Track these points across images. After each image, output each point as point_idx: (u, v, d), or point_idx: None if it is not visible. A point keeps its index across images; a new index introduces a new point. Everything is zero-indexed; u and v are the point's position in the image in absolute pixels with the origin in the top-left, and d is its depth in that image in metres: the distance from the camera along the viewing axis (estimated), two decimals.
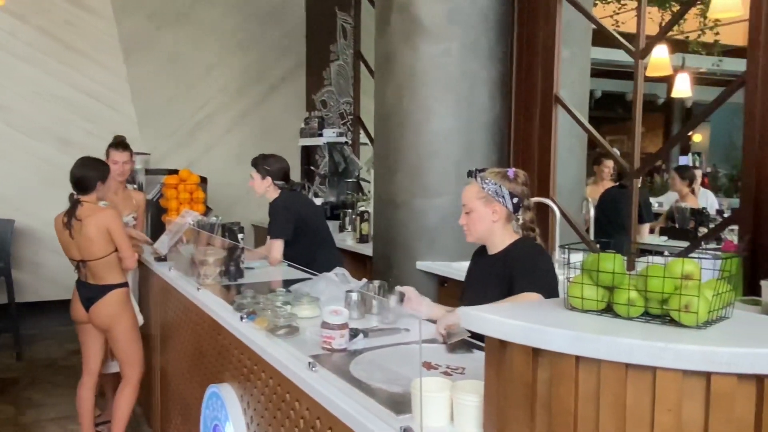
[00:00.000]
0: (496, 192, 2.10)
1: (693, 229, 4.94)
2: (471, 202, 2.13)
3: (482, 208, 2.11)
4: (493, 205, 2.10)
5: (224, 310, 2.47)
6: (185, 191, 4.29)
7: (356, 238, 4.61)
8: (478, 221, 2.12)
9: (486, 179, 2.11)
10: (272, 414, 1.97)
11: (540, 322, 1.18)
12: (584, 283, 1.25)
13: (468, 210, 2.14)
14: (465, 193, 2.16)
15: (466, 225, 2.16)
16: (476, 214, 2.12)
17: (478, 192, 2.12)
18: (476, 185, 2.13)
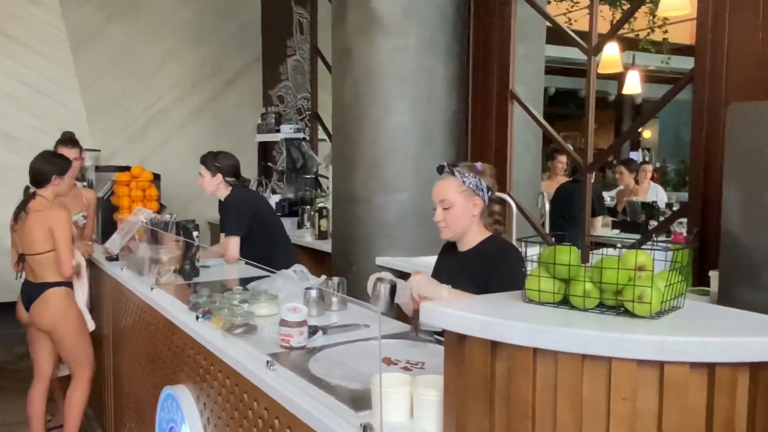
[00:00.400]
0: (477, 185, 2.06)
1: (644, 222, 5.07)
2: (452, 196, 2.05)
3: (464, 202, 2.05)
4: (473, 199, 2.06)
5: (179, 310, 2.41)
6: (138, 189, 4.18)
7: (315, 235, 4.58)
8: (460, 216, 2.06)
9: (465, 173, 2.06)
10: (230, 414, 1.94)
11: (498, 315, 1.18)
12: (541, 275, 1.26)
13: (448, 205, 2.06)
14: (441, 188, 2.08)
15: (444, 221, 2.08)
16: (458, 208, 2.05)
17: (458, 186, 2.05)
18: (455, 179, 2.06)
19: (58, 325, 3.19)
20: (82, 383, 3.26)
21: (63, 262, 3.13)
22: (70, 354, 3.24)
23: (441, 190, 2.08)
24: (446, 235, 2.12)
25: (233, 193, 3.46)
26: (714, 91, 2.73)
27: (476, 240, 2.11)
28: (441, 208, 2.08)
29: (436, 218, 2.10)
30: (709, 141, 2.76)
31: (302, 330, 1.90)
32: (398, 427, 1.36)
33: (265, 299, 2.32)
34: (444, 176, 2.10)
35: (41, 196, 3.17)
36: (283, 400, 1.57)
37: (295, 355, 1.87)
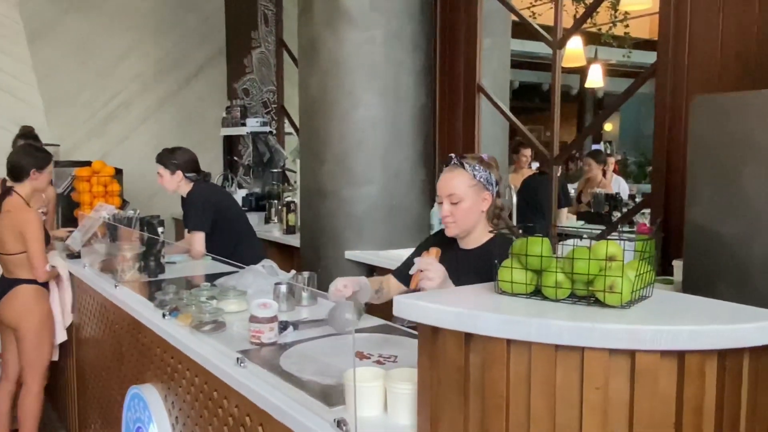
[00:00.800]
0: (487, 179, 1.95)
1: (607, 213, 5.16)
2: (462, 190, 1.92)
3: (474, 196, 1.93)
4: (483, 194, 1.95)
5: (145, 308, 2.36)
6: (99, 184, 4.08)
7: (283, 229, 4.53)
8: (470, 212, 1.93)
9: (475, 166, 1.94)
10: (199, 413, 1.90)
11: (471, 307, 1.18)
12: (513, 267, 1.26)
13: (457, 200, 1.92)
14: (450, 181, 1.94)
15: (451, 216, 1.94)
16: (468, 203, 1.92)
17: (469, 180, 1.93)
18: (465, 172, 1.94)
19: (22, 322, 3.10)
20: (31, 393, 3.15)
21: (36, 267, 3.07)
22: (27, 355, 3.14)
23: (450, 183, 1.95)
24: (452, 232, 1.98)
25: (195, 189, 3.40)
26: (677, 83, 2.78)
27: (483, 238, 1.98)
28: (449, 203, 1.94)
29: (442, 213, 1.96)
30: (672, 133, 2.81)
31: (273, 326, 1.88)
32: (372, 421, 1.35)
33: (233, 295, 2.29)
34: (452, 168, 1.97)
35: (17, 194, 3.11)
36: (255, 397, 1.55)
37: (266, 351, 1.84)
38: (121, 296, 2.57)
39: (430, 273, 1.72)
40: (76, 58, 5.60)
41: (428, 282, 1.72)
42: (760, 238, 1.91)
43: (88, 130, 5.71)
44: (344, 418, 1.30)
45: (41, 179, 3.19)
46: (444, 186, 1.97)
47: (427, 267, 1.74)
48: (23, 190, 3.14)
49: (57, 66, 5.52)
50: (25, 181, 3.13)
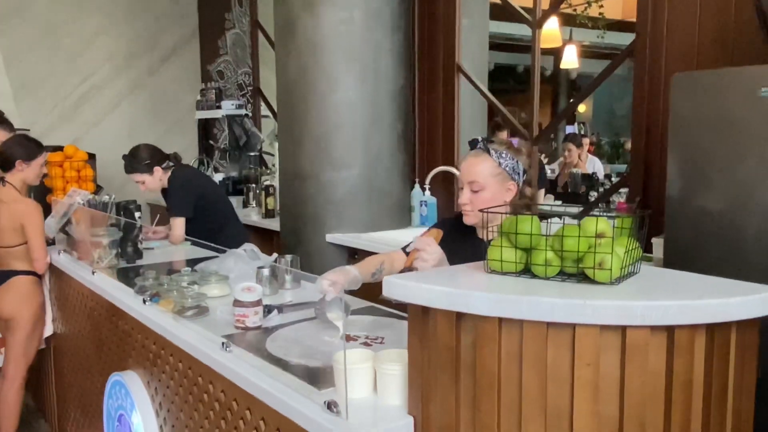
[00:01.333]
0: (513, 168, 1.81)
1: (584, 193, 5.21)
2: (484, 179, 1.79)
3: (497, 186, 1.80)
4: (508, 183, 1.81)
5: (124, 294, 2.32)
6: (72, 169, 3.98)
7: (262, 213, 4.49)
8: (491, 202, 1.76)
9: (502, 152, 1.80)
10: (183, 399, 1.88)
11: (462, 287, 1.18)
12: (503, 246, 1.26)
13: (478, 188, 1.80)
14: (473, 167, 1.81)
15: (470, 204, 1.81)
16: (489, 193, 1.79)
17: (493, 167, 1.80)
18: (490, 159, 1.80)
19: (17, 313, 3.03)
20: (16, 383, 3.08)
21: (37, 260, 3.01)
22: (19, 346, 3.06)
23: (472, 170, 1.82)
24: (470, 221, 1.85)
25: (175, 174, 3.34)
26: (654, 63, 2.80)
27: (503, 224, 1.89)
28: (469, 190, 1.82)
29: (461, 200, 1.84)
30: (650, 112, 2.83)
31: (257, 310, 1.86)
32: (362, 402, 1.35)
33: (215, 280, 2.26)
34: (477, 153, 1.83)
35: (9, 184, 3.02)
36: (242, 381, 1.53)
37: (251, 335, 1.82)
38: (99, 283, 2.52)
39: (425, 254, 1.69)
40: (45, 41, 5.45)
41: (422, 263, 1.68)
42: (741, 213, 1.94)
43: (59, 115, 5.58)
44: (334, 399, 1.29)
45: (29, 171, 3.10)
46: (466, 171, 1.84)
47: (424, 247, 1.70)
48: (14, 181, 3.05)
49: (25, 49, 5.36)
50: (13, 172, 3.04)
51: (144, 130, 5.77)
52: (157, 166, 3.28)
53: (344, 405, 1.27)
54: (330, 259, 3.55)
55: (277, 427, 1.42)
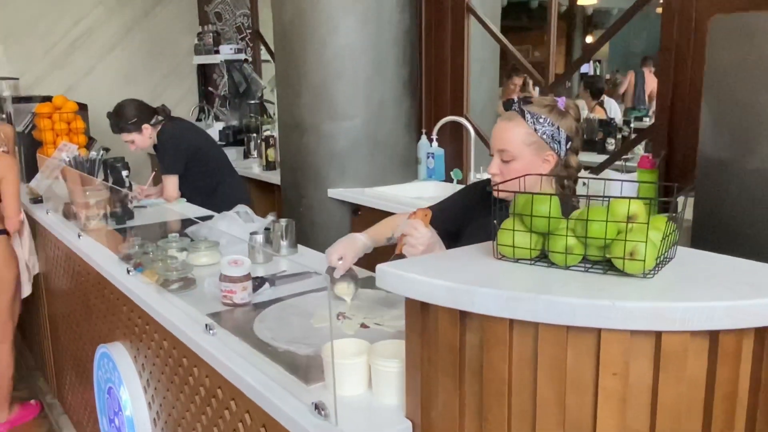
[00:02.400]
0: (552, 136, 1.53)
1: (601, 140, 4.97)
2: (516, 147, 1.54)
3: (531, 157, 1.54)
4: (545, 154, 1.55)
5: (109, 261, 2.17)
6: (61, 121, 3.80)
7: (263, 165, 4.30)
8: (522, 173, 1.48)
9: (539, 117, 1.54)
10: (170, 378, 1.75)
11: (467, 281, 1.01)
12: (516, 229, 1.07)
13: (509, 158, 1.55)
14: (504, 134, 1.56)
15: (500, 175, 1.57)
16: (521, 164, 1.54)
17: (527, 134, 1.54)
18: (524, 124, 1.54)
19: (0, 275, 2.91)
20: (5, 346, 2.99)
21: (10, 217, 2.86)
22: (5, 309, 2.97)
23: (503, 136, 1.57)
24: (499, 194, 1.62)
25: (164, 130, 3.14)
26: (685, 3, 2.53)
27: None
28: (499, 159, 1.57)
29: (490, 170, 1.59)
30: (679, 57, 2.58)
31: (246, 285, 1.71)
32: (355, 401, 1.20)
33: (204, 247, 2.10)
34: (509, 117, 1.57)
35: None
36: (225, 371, 1.39)
37: (239, 313, 1.68)
38: (85, 247, 2.38)
39: (411, 239, 1.50)
40: None
41: (410, 249, 1.50)
42: None
43: (50, 62, 5.33)
44: (323, 401, 1.15)
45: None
46: (496, 138, 1.59)
47: (410, 232, 1.51)
48: None
49: None
50: None
51: (140, 77, 5.54)
52: (145, 123, 3.08)
53: (333, 407, 1.13)
54: (332, 215, 3.39)
55: (263, 423, 1.29)
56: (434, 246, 1.53)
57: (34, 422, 3.15)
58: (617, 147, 4.87)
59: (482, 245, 1.20)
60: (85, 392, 2.68)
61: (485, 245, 1.20)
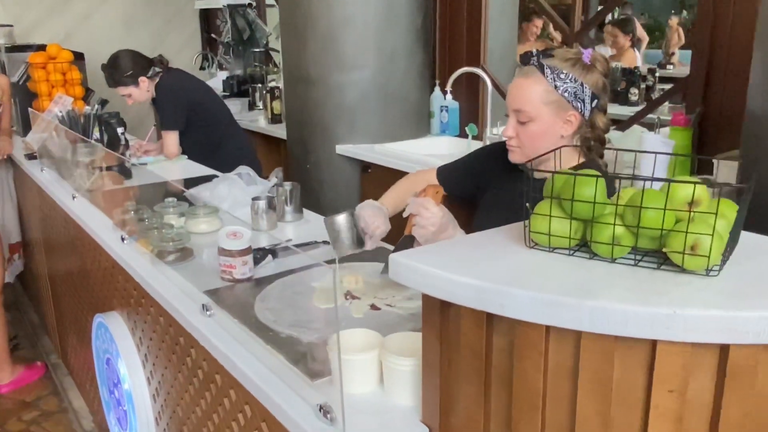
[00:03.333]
0: (575, 94, 1.38)
1: (623, 90, 4.72)
2: (533, 107, 1.39)
3: (551, 116, 1.39)
4: (566, 113, 1.39)
5: (103, 227, 2.04)
6: (56, 72, 3.61)
7: (268, 118, 4.12)
8: (541, 137, 1.40)
9: (560, 72, 1.37)
10: (167, 357, 1.64)
11: (497, 278, 0.86)
12: (553, 215, 0.92)
13: (526, 118, 1.40)
14: (521, 92, 1.41)
15: (516, 139, 1.44)
16: (540, 126, 1.39)
17: (546, 93, 1.38)
18: (543, 81, 1.38)
19: None
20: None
21: None
22: None
23: (519, 93, 1.41)
24: (516, 158, 1.47)
25: (162, 83, 2.95)
26: None
27: (563, 166, 1.35)
28: (515, 120, 1.43)
29: (505, 132, 1.45)
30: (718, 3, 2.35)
31: (246, 259, 1.57)
32: (364, 401, 1.08)
33: (204, 213, 1.96)
34: (527, 73, 1.41)
35: None
36: (223, 359, 1.27)
37: (239, 290, 1.55)
38: (79, 210, 2.24)
39: (421, 219, 1.36)
40: None
41: (421, 230, 1.36)
42: None
43: (47, 7, 5.10)
44: (328, 403, 1.02)
45: None
46: (512, 96, 1.43)
47: (420, 212, 1.36)
48: None
49: None
50: None
51: (140, 23, 5.29)
52: (142, 75, 2.89)
53: (340, 410, 1.00)
54: (341, 172, 3.24)
55: (263, 418, 1.17)
56: (447, 226, 1.38)
57: (39, 383, 3.10)
58: (641, 98, 4.63)
59: (510, 228, 1.05)
60: (86, 356, 2.60)
61: (514, 228, 1.05)
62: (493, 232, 1.05)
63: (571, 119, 1.40)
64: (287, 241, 1.86)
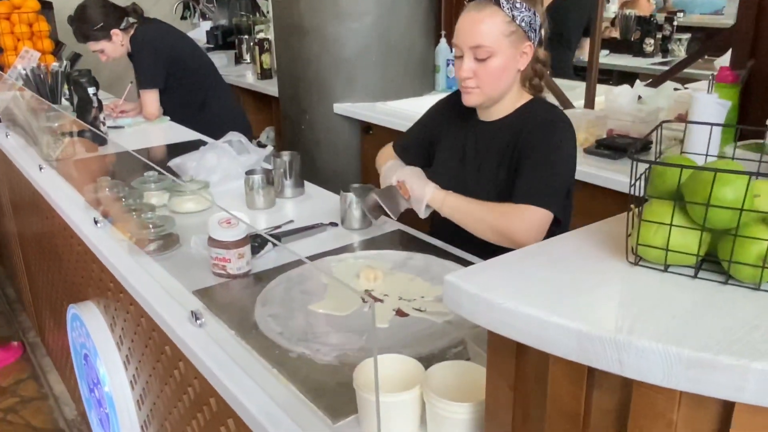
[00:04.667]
0: (530, 23, 1.33)
1: (638, 40, 4.42)
2: (494, 41, 1.31)
3: (510, 50, 1.33)
4: (523, 45, 1.34)
5: (74, 206, 1.77)
6: (22, 23, 3.26)
7: (257, 73, 3.79)
8: (502, 73, 1.35)
9: (516, 2, 1.31)
10: (152, 363, 1.40)
11: (610, 322, 0.61)
12: (675, 225, 0.66)
13: (486, 54, 1.32)
14: (477, 27, 1.32)
15: (475, 78, 1.36)
16: (501, 60, 1.33)
17: (505, 24, 1.31)
18: (500, 12, 1.31)
19: None
20: None
21: None
22: None
23: (476, 29, 1.32)
24: (473, 101, 1.40)
25: (137, 36, 2.61)
26: None
27: (513, 105, 1.43)
28: (472, 58, 1.34)
29: (461, 74, 1.36)
30: None
31: (242, 251, 1.31)
32: None
33: (190, 192, 1.69)
34: (480, 6, 1.33)
35: None
36: (219, 385, 1.03)
37: (235, 289, 1.30)
38: (47, 184, 1.96)
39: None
40: None
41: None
42: None
43: None
44: None
45: None
46: (466, 32, 1.34)
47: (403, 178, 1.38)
48: None
49: None
50: None
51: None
52: (114, 28, 2.55)
53: None
54: (339, 133, 2.95)
55: None
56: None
57: (16, 365, 2.87)
58: (656, 49, 4.34)
59: (588, 231, 0.80)
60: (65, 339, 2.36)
61: (592, 231, 0.79)
62: (566, 237, 0.80)
63: (526, 51, 1.36)
64: (288, 222, 1.60)
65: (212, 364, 1.04)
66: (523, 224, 1.28)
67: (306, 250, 1.44)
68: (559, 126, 1.37)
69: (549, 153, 1.33)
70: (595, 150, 2.15)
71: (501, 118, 1.43)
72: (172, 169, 1.94)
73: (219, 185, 1.83)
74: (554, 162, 1.34)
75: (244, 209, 1.71)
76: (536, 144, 1.34)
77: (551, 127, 1.36)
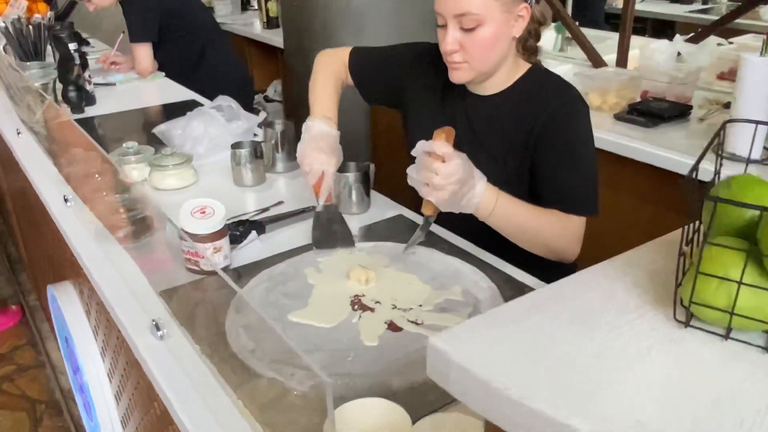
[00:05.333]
0: None
1: None
2: (482, 7, 1.10)
3: (503, 15, 1.12)
4: (518, 7, 1.14)
5: (46, 179, 1.62)
6: None
7: (263, 22, 3.55)
8: (493, 44, 1.13)
9: None
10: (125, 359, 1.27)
11: None
12: (746, 283, 0.48)
13: (473, 23, 1.11)
14: None
15: (462, 52, 1.14)
16: (492, 28, 1.11)
17: None
18: None
19: None
20: None
21: None
22: None
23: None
24: (461, 77, 1.18)
25: None
26: None
27: (511, 77, 1.22)
28: (457, 28, 1.12)
29: (446, 47, 1.14)
30: None
31: (218, 244, 1.15)
32: None
33: (173, 164, 1.52)
34: None
35: None
36: (176, 417, 0.88)
37: (209, 288, 1.14)
38: (23, 152, 1.81)
39: (436, 178, 1.01)
40: None
41: (436, 194, 1.03)
42: None
43: None
44: None
45: None
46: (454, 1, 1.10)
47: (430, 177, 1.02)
48: None
49: None
50: None
51: None
52: None
53: None
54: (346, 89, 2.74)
55: None
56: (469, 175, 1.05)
57: (15, 330, 2.79)
58: None
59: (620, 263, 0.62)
60: None
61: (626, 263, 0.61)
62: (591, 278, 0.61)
63: (522, 13, 1.15)
64: (277, 204, 1.43)
65: (169, 390, 0.90)
66: (575, 239, 1.15)
67: (294, 239, 1.28)
68: (577, 109, 1.17)
69: (575, 146, 1.15)
70: (626, 116, 1.94)
71: (497, 93, 1.23)
72: (158, 136, 1.77)
73: (206, 156, 1.66)
74: (582, 155, 1.15)
75: (231, 185, 1.54)
76: (558, 139, 1.15)
77: (571, 114, 1.16)
